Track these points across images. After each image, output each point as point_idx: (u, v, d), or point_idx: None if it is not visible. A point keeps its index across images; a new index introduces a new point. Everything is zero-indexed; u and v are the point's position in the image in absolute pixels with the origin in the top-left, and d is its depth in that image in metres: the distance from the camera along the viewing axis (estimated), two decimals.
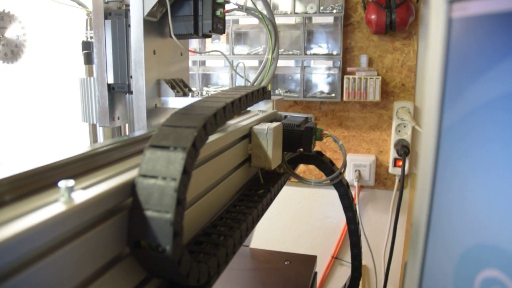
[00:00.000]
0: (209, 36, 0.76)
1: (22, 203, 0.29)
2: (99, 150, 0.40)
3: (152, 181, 0.33)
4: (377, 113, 1.30)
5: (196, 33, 0.74)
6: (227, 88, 1.05)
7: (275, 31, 0.88)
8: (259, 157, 0.62)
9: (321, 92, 1.31)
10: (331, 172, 0.77)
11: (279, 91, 1.34)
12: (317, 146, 1.32)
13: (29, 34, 1.60)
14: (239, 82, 1.32)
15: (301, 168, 1.35)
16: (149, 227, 0.32)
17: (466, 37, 0.24)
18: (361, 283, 1.01)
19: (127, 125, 0.85)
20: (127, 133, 0.87)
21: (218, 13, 0.74)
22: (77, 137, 1.55)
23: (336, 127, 1.34)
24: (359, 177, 1.31)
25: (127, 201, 0.34)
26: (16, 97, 1.66)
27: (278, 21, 1.29)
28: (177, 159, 0.33)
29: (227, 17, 1.24)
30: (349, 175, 1.33)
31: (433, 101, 0.26)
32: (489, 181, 0.25)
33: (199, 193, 0.47)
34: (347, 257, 1.40)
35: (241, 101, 0.53)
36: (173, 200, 0.32)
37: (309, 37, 1.30)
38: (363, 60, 1.25)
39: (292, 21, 1.31)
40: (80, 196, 0.29)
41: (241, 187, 0.61)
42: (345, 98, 1.23)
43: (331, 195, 1.40)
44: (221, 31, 0.76)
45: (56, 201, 0.28)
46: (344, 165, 0.75)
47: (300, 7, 1.27)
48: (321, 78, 1.32)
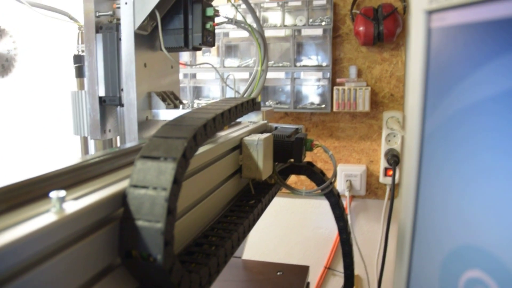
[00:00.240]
0: (199, 49, 0.78)
1: (13, 214, 0.29)
2: (90, 161, 0.41)
3: (143, 191, 0.33)
4: (367, 123, 1.31)
5: (186, 46, 0.75)
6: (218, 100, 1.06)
7: (264, 43, 0.89)
8: (250, 168, 0.62)
9: (312, 103, 1.32)
10: (322, 182, 0.78)
11: (270, 103, 1.35)
12: (308, 156, 1.33)
13: (20, 48, 1.60)
14: (229, 94, 1.33)
15: (292, 178, 1.36)
16: (140, 237, 0.32)
17: (445, 46, 0.25)
18: None
19: (118, 137, 0.85)
20: (118, 146, 0.87)
21: (208, 26, 0.75)
22: (68, 150, 1.55)
23: (326, 138, 1.35)
24: (350, 187, 1.32)
25: (118, 211, 0.34)
26: (7, 111, 1.66)
27: (268, 33, 1.31)
28: (168, 169, 0.34)
29: (217, 30, 1.26)
30: (340, 185, 1.33)
31: (415, 108, 0.26)
32: (471, 184, 0.26)
33: (190, 203, 0.48)
34: (340, 267, 1.40)
35: (231, 112, 0.54)
36: (164, 209, 0.32)
37: (299, 49, 1.32)
38: (352, 71, 1.27)
39: (282, 33, 1.33)
40: (71, 206, 0.29)
41: (232, 198, 0.62)
42: (335, 108, 1.25)
43: (323, 206, 1.40)
44: (211, 44, 0.77)
45: (47, 211, 0.29)
46: (334, 175, 0.76)
47: (289, 20, 1.29)
48: (311, 89, 1.33)
